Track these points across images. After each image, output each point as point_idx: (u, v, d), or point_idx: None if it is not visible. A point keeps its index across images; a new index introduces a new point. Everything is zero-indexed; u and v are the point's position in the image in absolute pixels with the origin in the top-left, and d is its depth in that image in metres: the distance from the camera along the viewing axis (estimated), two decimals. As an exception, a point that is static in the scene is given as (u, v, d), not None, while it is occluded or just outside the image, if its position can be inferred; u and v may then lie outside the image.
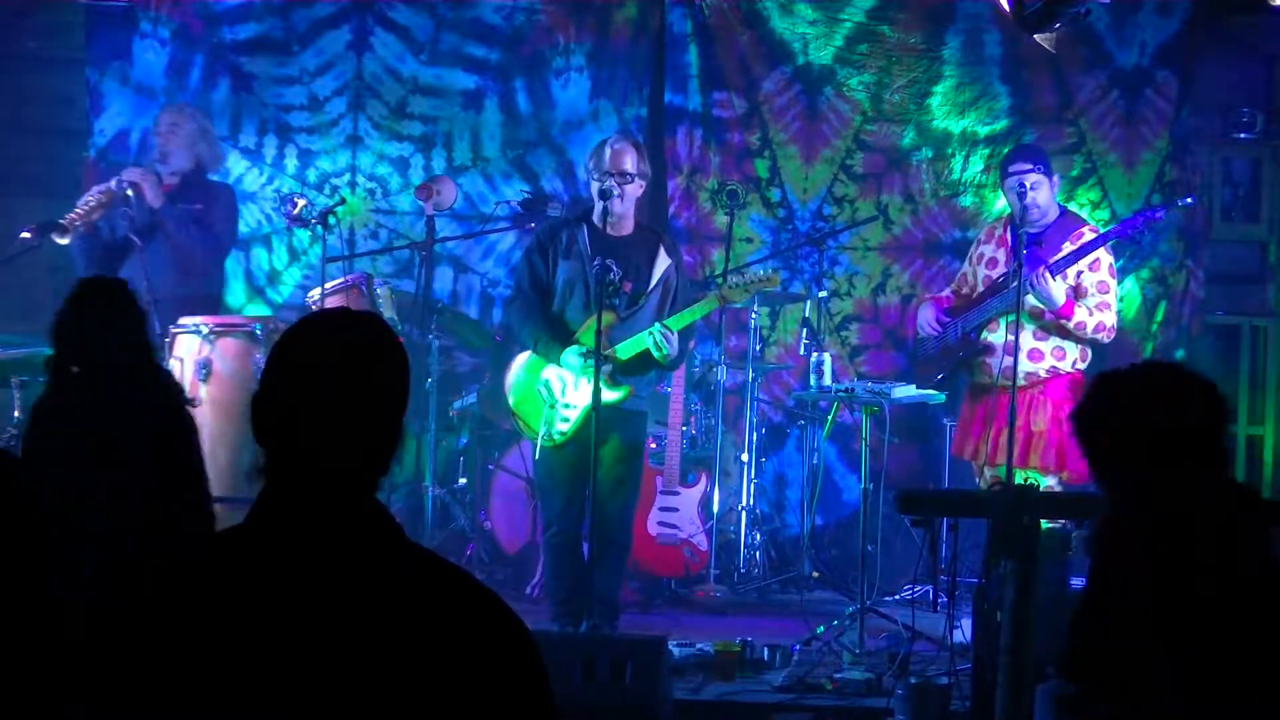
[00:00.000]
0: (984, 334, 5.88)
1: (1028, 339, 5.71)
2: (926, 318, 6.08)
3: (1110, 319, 5.73)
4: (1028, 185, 5.74)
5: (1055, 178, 5.92)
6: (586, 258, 5.43)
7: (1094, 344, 5.81)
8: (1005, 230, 5.96)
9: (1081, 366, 5.81)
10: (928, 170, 7.52)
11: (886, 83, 7.53)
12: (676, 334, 5.38)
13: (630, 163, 5.45)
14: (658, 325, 5.36)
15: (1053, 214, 5.86)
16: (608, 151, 5.46)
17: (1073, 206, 7.35)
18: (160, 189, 6.32)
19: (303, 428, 1.89)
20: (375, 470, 1.92)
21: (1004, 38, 7.38)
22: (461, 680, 1.84)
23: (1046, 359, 5.77)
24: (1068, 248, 5.71)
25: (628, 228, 5.52)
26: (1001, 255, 5.91)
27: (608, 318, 5.30)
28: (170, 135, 6.47)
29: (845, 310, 7.60)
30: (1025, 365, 5.69)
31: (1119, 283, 6.02)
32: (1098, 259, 5.73)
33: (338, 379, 1.90)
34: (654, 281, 5.48)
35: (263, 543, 1.87)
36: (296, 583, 1.84)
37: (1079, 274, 5.72)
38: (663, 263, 5.49)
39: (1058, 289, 5.61)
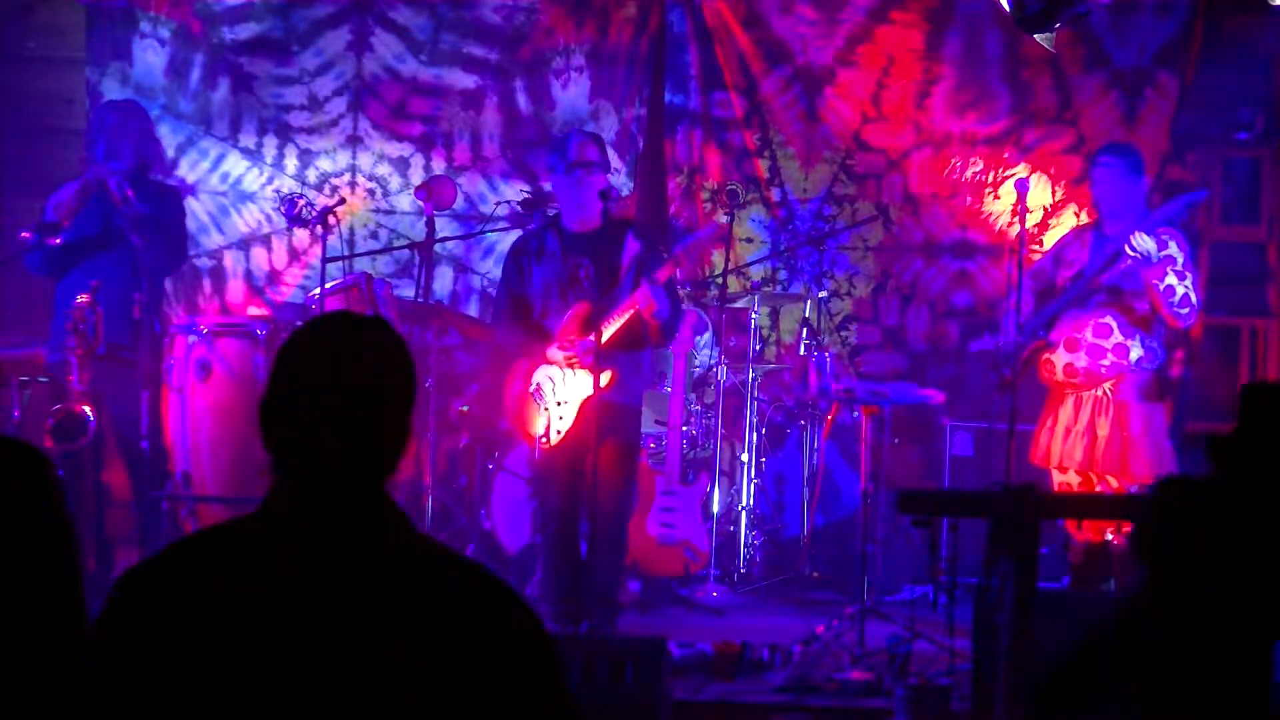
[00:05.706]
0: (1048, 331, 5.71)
1: (1087, 335, 5.62)
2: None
3: (1194, 298, 5.51)
4: (1104, 179, 5.64)
5: (1143, 179, 5.73)
6: (559, 259, 5.46)
7: (1173, 322, 5.57)
8: (1089, 232, 5.84)
9: (1149, 367, 5.61)
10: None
11: (886, 83, 7.53)
12: (663, 291, 5.36)
13: (593, 153, 5.49)
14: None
15: (1131, 211, 5.65)
16: (573, 142, 5.52)
17: (1072, 207, 7.37)
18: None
19: (309, 435, 1.90)
20: (382, 470, 1.94)
21: (1004, 38, 7.38)
22: (479, 672, 1.84)
23: (1108, 356, 5.58)
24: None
25: (595, 222, 5.51)
26: (1083, 257, 5.76)
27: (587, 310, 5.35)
28: (120, 132, 6.07)
29: (845, 310, 7.60)
30: (1082, 362, 5.60)
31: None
32: (1173, 256, 5.55)
33: (341, 384, 1.92)
34: (625, 266, 5.48)
35: (273, 541, 1.88)
36: (308, 581, 1.85)
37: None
38: (632, 247, 5.50)
39: (1150, 242, 5.38)
